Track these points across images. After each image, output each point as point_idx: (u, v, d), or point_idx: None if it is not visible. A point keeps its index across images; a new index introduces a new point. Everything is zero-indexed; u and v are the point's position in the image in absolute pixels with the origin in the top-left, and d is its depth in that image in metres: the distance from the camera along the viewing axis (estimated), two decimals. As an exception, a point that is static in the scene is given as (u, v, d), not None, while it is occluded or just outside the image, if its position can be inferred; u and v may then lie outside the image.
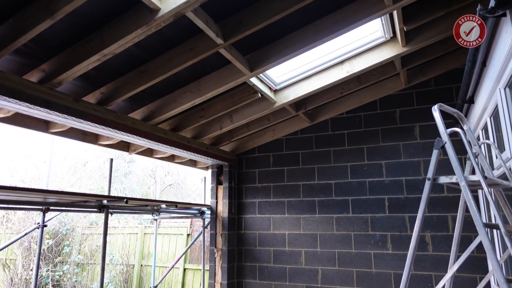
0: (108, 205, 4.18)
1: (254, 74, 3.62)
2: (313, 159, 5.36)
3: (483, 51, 2.67)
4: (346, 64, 4.17)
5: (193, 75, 3.80)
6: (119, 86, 3.44)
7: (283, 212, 5.41)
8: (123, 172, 11.27)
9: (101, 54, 2.75)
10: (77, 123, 3.36)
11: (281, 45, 3.47)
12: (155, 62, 3.29)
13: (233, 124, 4.75)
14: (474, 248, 1.95)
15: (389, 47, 3.99)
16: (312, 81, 4.33)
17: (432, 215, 4.57)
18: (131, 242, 8.52)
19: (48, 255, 8.26)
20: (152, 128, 4.10)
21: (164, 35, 3.06)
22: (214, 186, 5.73)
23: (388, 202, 4.82)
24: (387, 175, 4.89)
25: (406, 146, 4.86)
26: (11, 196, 3.91)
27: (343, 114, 5.29)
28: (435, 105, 2.00)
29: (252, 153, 5.80)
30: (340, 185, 5.12)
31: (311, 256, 5.12)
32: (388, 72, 4.48)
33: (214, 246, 5.51)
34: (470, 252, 1.84)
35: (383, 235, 4.78)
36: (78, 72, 2.89)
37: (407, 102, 4.97)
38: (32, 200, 4.24)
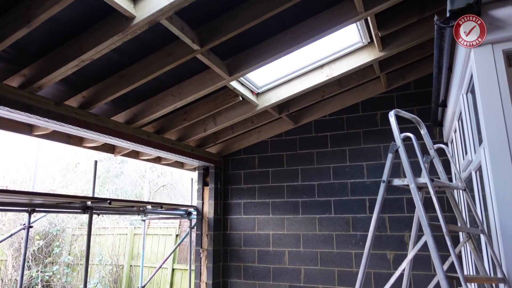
0: (92, 206, 4.25)
1: (233, 78, 3.71)
2: (297, 161, 5.46)
3: (447, 57, 2.78)
4: (325, 68, 4.27)
5: (174, 79, 3.88)
6: (100, 90, 3.52)
7: (268, 212, 5.50)
8: (114, 173, 11.33)
9: (79, 60, 2.84)
10: (59, 127, 3.44)
11: (259, 50, 3.56)
12: (134, 67, 3.38)
13: (217, 126, 4.84)
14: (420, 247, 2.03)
15: (367, 51, 4.09)
16: (293, 84, 4.43)
17: (411, 215, 4.67)
18: (120, 242, 8.59)
19: (38, 255, 8.32)
20: (135, 130, 4.19)
21: (142, 41, 3.14)
22: (201, 187, 5.81)
23: (369, 203, 4.93)
24: (368, 176, 4.99)
25: (386, 148, 4.97)
26: None
27: (326, 116, 5.39)
28: (391, 111, 2.10)
29: (237, 155, 5.89)
30: (323, 186, 5.23)
31: (294, 256, 5.22)
32: (368, 76, 4.59)
33: (200, 246, 5.60)
34: (417, 250, 1.94)
35: (364, 235, 4.88)
36: (57, 77, 2.96)
37: (388, 105, 5.07)
38: (18, 202, 4.31)
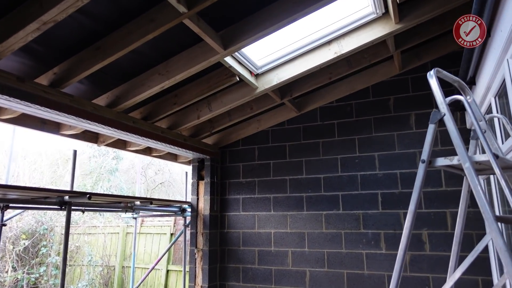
0: (70, 201, 3.76)
1: (228, 53, 3.21)
2: (300, 152, 4.96)
3: (487, 17, 2.28)
4: (333, 45, 3.77)
5: (161, 56, 3.39)
6: (73, 65, 3.03)
7: (269, 209, 5.01)
8: (108, 169, 10.83)
9: (40, 22, 2.34)
10: (24, 107, 2.94)
11: (258, 19, 3.06)
12: (112, 37, 2.88)
13: (212, 112, 4.34)
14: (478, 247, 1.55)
15: (381, 24, 3.59)
16: (297, 64, 3.92)
17: (430, 211, 4.18)
18: (112, 242, 8.10)
19: (24, 256, 7.83)
20: (118, 115, 3.69)
21: (120, 4, 2.65)
22: (195, 181, 5.32)
23: (382, 198, 4.43)
24: (380, 168, 4.49)
25: (401, 137, 4.46)
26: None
27: (333, 102, 4.89)
28: (431, 71, 1.60)
29: (236, 146, 5.40)
30: (330, 179, 4.72)
31: (298, 257, 4.72)
32: (381, 54, 4.08)
33: (194, 246, 5.10)
34: (479, 252, 1.44)
35: (376, 233, 4.38)
36: (15, 44, 2.47)
37: (401, 88, 4.57)
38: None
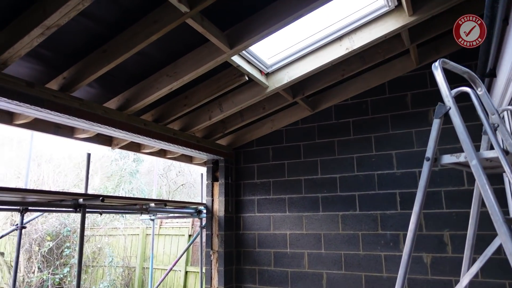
0: (85, 204, 3.82)
1: (235, 52, 3.16)
2: (315, 151, 4.85)
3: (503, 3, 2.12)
4: (345, 40, 3.65)
5: (168, 57, 3.38)
6: (82, 69, 3.06)
7: (284, 210, 4.92)
8: (129, 171, 11.01)
9: (44, 26, 2.37)
10: (35, 112, 2.99)
11: (263, 17, 3.00)
12: (117, 40, 2.89)
13: (223, 113, 4.31)
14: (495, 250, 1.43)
15: (394, 17, 3.45)
16: (307, 61, 3.83)
17: (451, 211, 3.98)
18: (132, 243, 8.21)
19: (49, 257, 8.07)
20: (129, 118, 3.71)
21: (123, 5, 2.65)
22: (210, 183, 5.30)
23: (400, 197, 4.26)
24: (398, 166, 4.33)
25: (420, 134, 4.29)
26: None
27: (347, 100, 4.75)
28: (436, 62, 1.49)
29: (250, 147, 5.34)
30: (346, 179, 4.59)
31: (314, 259, 4.61)
32: (395, 49, 3.92)
33: (210, 248, 5.09)
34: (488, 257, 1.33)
35: (395, 234, 4.22)
36: (22, 50, 2.51)
37: (419, 84, 4.39)
38: (11, 200, 3.95)
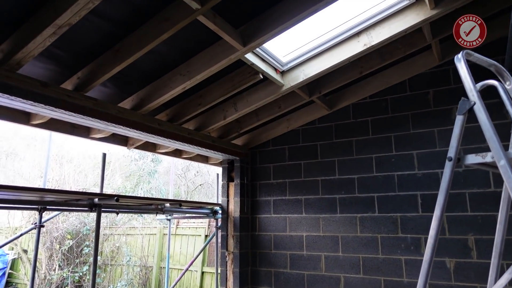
0: (100, 203, 3.83)
1: (248, 49, 3.09)
2: (333, 151, 4.73)
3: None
4: (362, 36, 3.53)
5: (182, 56, 3.34)
6: (95, 69, 3.06)
7: (300, 211, 4.82)
8: (148, 171, 11.13)
9: (55, 26, 2.36)
10: (50, 112, 3.01)
11: (277, 13, 2.92)
12: (129, 39, 2.87)
13: (238, 112, 4.25)
14: None
15: (415, 11, 3.30)
16: (324, 58, 3.72)
17: (476, 214, 3.79)
18: (150, 243, 8.27)
19: (69, 255, 8.22)
20: (143, 118, 3.70)
21: (134, 4, 2.62)
22: (225, 183, 5.25)
23: (422, 199, 4.09)
24: (420, 167, 4.15)
25: (442, 133, 4.10)
26: (9, 196, 3.69)
27: (366, 98, 4.61)
28: (459, 54, 1.38)
29: (266, 147, 5.26)
30: (364, 180, 4.45)
31: (332, 262, 4.49)
32: (416, 44, 3.77)
33: (225, 248, 5.04)
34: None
35: (416, 238, 4.05)
36: (35, 50, 2.51)
37: (442, 81, 4.21)
38: (30, 199, 4.01)
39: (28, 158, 11.51)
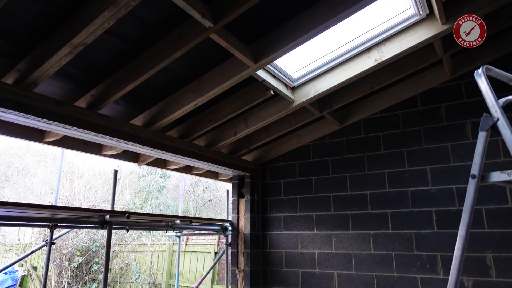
0: (111, 221, 3.82)
1: (260, 66, 3.11)
2: (344, 167, 4.68)
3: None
4: (373, 51, 3.53)
5: (193, 73, 3.37)
6: (108, 86, 3.09)
7: (312, 228, 4.75)
8: (156, 187, 11.13)
9: (71, 46, 2.40)
10: (64, 129, 3.04)
11: (288, 30, 2.94)
12: (142, 57, 2.90)
13: (248, 128, 4.25)
14: None
15: (426, 26, 3.30)
16: (334, 74, 3.73)
17: (494, 231, 3.69)
18: (159, 260, 8.21)
19: (78, 272, 8.19)
20: (154, 135, 3.71)
21: (147, 22, 2.66)
22: (236, 199, 5.22)
23: (436, 216, 4.01)
24: (434, 183, 4.08)
25: (456, 148, 4.04)
26: (21, 213, 3.70)
27: (377, 113, 4.58)
28: (479, 69, 1.36)
29: (276, 162, 5.24)
30: (377, 195, 4.38)
31: (345, 280, 4.39)
32: (428, 59, 3.75)
33: (236, 266, 4.96)
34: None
35: (432, 255, 3.95)
36: (50, 69, 2.56)
37: (454, 95, 4.17)
38: (41, 217, 4.02)
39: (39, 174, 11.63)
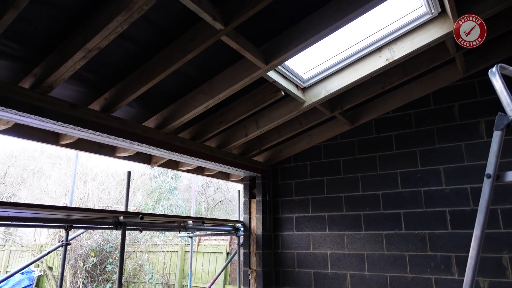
0: (125, 221, 3.87)
1: (271, 67, 3.12)
2: (356, 167, 4.66)
3: None
4: (384, 51, 3.51)
5: (204, 75, 3.40)
6: (121, 89, 3.14)
7: (324, 228, 4.74)
8: (168, 188, 11.23)
9: (86, 50, 2.45)
10: (79, 132, 3.10)
11: (298, 31, 2.95)
12: (154, 60, 2.95)
13: (259, 129, 4.26)
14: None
15: (438, 25, 3.27)
16: (345, 74, 3.72)
17: (510, 231, 3.63)
18: (171, 260, 8.27)
19: (93, 273, 8.31)
20: (167, 136, 3.76)
21: (159, 26, 2.70)
22: (247, 200, 5.23)
23: (450, 216, 3.96)
24: (447, 182, 4.04)
25: (470, 147, 3.99)
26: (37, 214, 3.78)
27: (389, 113, 4.55)
28: (493, 68, 1.35)
29: (287, 163, 5.24)
30: (389, 196, 4.35)
31: (358, 281, 4.37)
32: (440, 58, 3.72)
33: (248, 267, 4.98)
34: None
35: (446, 256, 3.91)
36: (66, 73, 2.61)
37: (467, 94, 4.12)
38: (57, 218, 4.10)
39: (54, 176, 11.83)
